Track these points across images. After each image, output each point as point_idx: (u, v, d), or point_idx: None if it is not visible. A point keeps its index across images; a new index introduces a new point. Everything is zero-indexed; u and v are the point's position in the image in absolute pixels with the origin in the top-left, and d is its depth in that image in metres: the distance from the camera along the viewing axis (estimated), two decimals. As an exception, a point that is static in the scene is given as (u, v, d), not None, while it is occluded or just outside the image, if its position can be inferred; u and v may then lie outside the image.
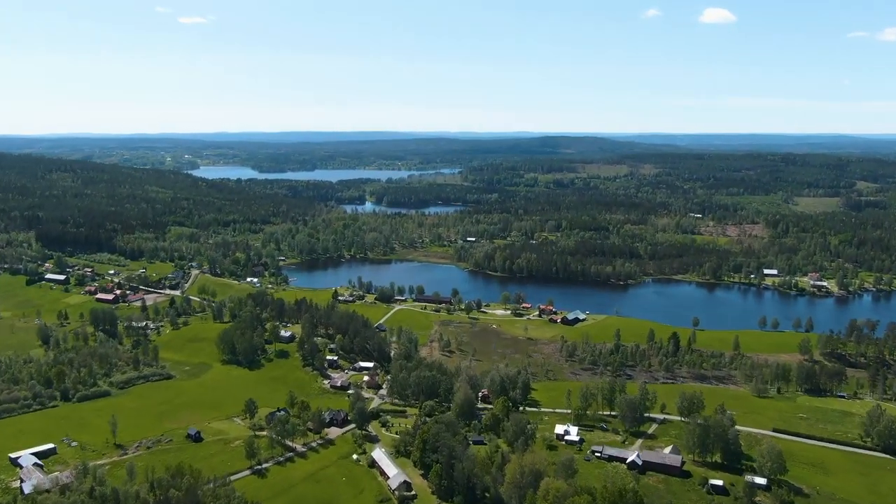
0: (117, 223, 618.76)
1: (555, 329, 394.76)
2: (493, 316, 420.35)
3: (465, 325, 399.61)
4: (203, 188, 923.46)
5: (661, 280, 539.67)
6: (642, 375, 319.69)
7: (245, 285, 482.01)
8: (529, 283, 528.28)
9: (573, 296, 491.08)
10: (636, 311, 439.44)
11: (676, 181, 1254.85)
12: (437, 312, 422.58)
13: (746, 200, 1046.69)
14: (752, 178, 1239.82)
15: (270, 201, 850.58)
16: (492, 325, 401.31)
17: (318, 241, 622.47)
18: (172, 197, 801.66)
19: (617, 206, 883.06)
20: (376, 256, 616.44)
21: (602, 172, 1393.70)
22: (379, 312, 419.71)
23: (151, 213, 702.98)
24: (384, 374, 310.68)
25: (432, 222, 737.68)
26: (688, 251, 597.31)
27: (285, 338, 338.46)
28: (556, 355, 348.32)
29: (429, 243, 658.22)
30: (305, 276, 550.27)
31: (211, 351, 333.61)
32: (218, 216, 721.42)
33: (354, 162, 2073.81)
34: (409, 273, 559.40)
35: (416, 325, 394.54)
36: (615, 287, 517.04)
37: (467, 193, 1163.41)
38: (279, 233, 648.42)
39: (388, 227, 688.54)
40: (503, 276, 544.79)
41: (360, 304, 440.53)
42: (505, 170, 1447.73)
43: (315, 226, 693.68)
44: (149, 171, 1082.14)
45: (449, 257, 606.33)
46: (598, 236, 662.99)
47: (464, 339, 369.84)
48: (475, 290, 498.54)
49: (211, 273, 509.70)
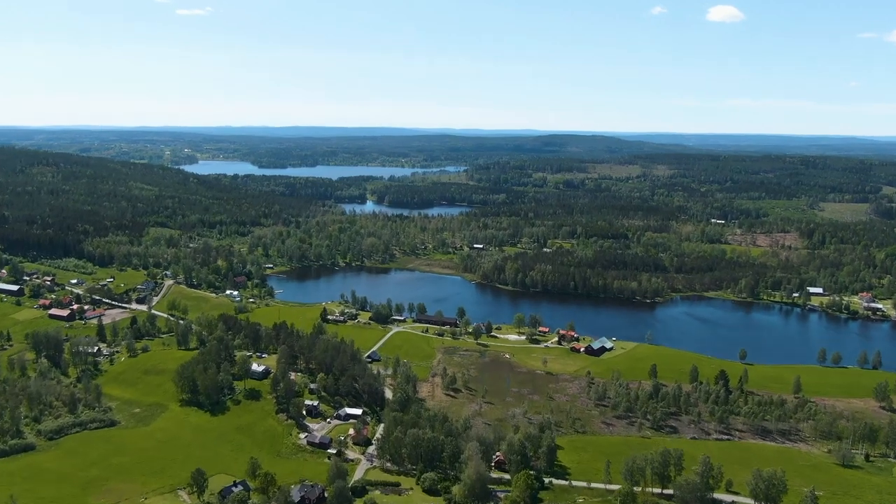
0: (90, 224, 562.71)
1: (578, 361, 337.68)
2: (506, 342, 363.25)
3: (473, 353, 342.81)
4: (192, 185, 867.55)
5: (691, 297, 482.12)
6: (690, 428, 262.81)
7: (223, 299, 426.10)
8: (544, 298, 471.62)
9: (594, 316, 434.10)
10: (669, 336, 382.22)
11: (692, 183, 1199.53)
12: (440, 336, 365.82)
13: (769, 205, 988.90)
14: (772, 182, 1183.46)
15: (263, 200, 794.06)
16: (504, 354, 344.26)
17: (311, 246, 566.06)
18: (157, 195, 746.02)
19: (633, 210, 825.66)
20: (374, 264, 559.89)
21: (613, 173, 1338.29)
22: (373, 336, 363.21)
23: (131, 213, 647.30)
24: (375, 423, 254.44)
25: (436, 226, 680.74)
26: (718, 264, 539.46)
27: (258, 373, 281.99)
28: (583, 397, 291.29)
29: (432, 250, 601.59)
30: (294, 286, 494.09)
31: (169, 388, 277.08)
32: (204, 216, 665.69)
33: (357, 158, 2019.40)
34: (410, 285, 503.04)
35: (415, 353, 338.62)
36: (641, 306, 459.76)
37: (473, 193, 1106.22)
38: (268, 237, 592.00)
39: (387, 232, 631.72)
40: (514, 290, 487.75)
41: (352, 324, 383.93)
42: (512, 169, 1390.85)
43: (308, 229, 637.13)
44: (136, 165, 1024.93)
45: (454, 267, 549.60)
46: (618, 245, 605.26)
47: (471, 372, 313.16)
48: (483, 307, 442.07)
49: (186, 284, 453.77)
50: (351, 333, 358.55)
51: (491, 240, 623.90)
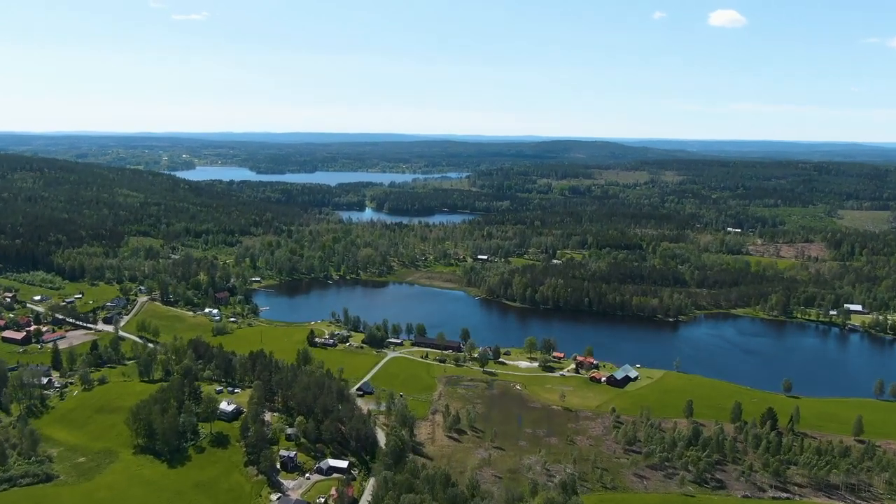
0: (63, 234, 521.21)
1: (599, 393, 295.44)
2: (516, 370, 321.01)
3: (480, 384, 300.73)
4: (182, 191, 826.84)
5: (717, 315, 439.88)
6: (740, 483, 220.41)
7: (201, 318, 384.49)
8: (555, 317, 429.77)
9: (611, 337, 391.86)
10: (699, 362, 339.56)
11: (702, 190, 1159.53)
12: (441, 363, 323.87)
13: (785, 213, 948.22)
14: (786, 188, 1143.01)
15: (254, 208, 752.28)
16: (514, 385, 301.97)
17: (303, 258, 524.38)
18: (143, 202, 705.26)
19: (645, 218, 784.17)
20: (370, 277, 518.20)
21: (620, 179, 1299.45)
22: (366, 363, 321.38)
23: (112, 221, 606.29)
24: (364, 476, 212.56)
25: (437, 235, 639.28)
26: (744, 278, 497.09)
27: (227, 414, 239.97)
28: (609, 440, 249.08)
29: (433, 262, 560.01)
30: (282, 303, 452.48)
31: (122, 431, 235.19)
32: (190, 225, 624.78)
33: (357, 164, 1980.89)
34: (409, 301, 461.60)
35: (413, 384, 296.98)
36: (662, 325, 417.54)
37: (476, 200, 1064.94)
38: (257, 247, 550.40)
39: (385, 242, 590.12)
40: (523, 307, 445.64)
41: (342, 349, 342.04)
42: (516, 175, 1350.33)
43: (300, 239, 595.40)
44: (125, 171, 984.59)
45: (457, 280, 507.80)
46: (634, 256, 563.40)
47: (478, 408, 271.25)
48: (489, 328, 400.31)
49: (162, 300, 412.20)
50: (341, 360, 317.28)
51: (496, 250, 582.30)
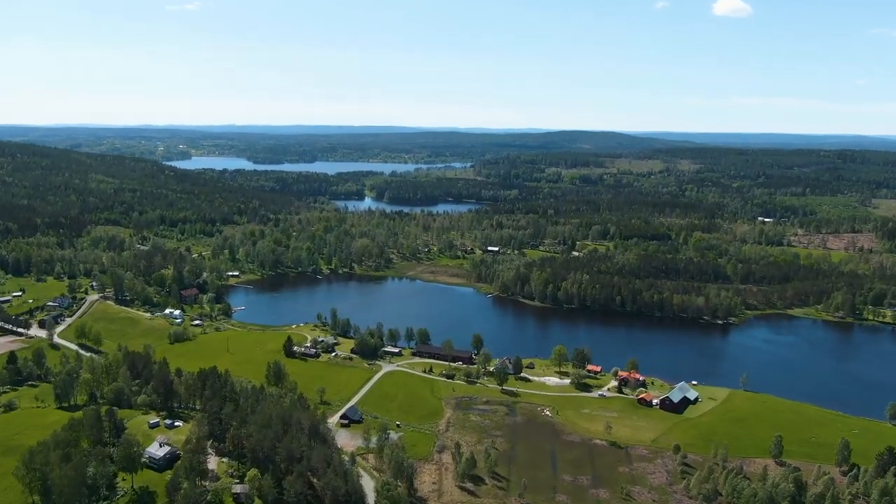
0: (15, 221, 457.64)
1: (653, 421, 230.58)
2: (543, 388, 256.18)
3: (498, 407, 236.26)
4: (164, 178, 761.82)
5: (770, 316, 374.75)
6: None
7: (159, 321, 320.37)
8: (581, 318, 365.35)
9: (651, 342, 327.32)
10: (765, 376, 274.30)
11: (721, 179, 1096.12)
12: (449, 379, 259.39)
13: (815, 202, 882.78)
14: (810, 177, 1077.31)
15: (241, 195, 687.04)
16: (543, 409, 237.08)
17: (288, 249, 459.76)
18: (117, 188, 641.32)
19: (668, 206, 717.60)
20: (366, 272, 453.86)
21: (633, 168, 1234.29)
22: (355, 378, 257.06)
23: (79, 209, 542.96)
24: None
25: (442, 225, 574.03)
26: (796, 272, 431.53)
27: (158, 460, 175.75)
28: (678, 495, 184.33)
29: (437, 254, 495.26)
30: (262, 302, 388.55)
31: (13, 484, 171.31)
32: (166, 213, 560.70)
33: (358, 154, 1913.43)
34: (410, 300, 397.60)
35: (414, 408, 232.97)
36: (709, 328, 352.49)
37: (482, 189, 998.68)
38: (237, 237, 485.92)
39: (383, 231, 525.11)
40: (543, 306, 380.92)
41: (326, 360, 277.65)
42: (523, 163, 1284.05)
43: (286, 228, 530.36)
44: (105, 157, 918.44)
45: (465, 275, 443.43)
46: (665, 248, 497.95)
47: (498, 443, 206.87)
48: (506, 333, 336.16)
49: (116, 299, 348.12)
50: (323, 376, 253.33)
51: (508, 241, 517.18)
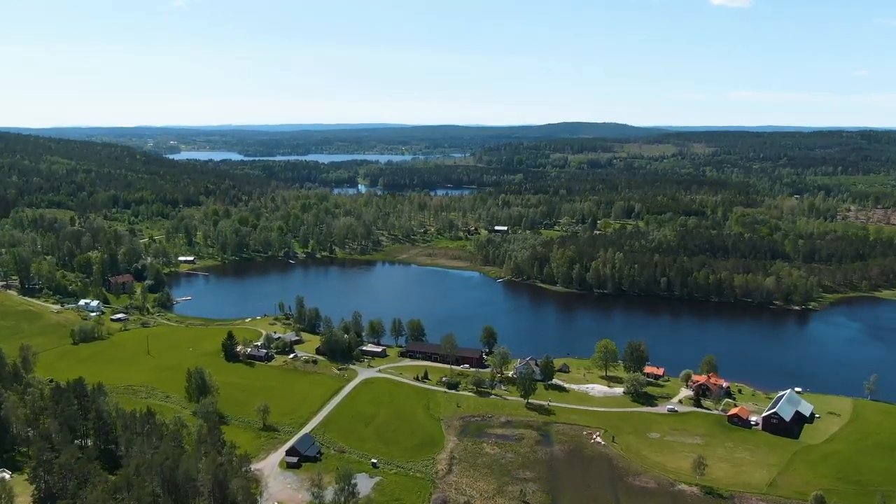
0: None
1: (759, 450, 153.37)
2: (584, 400, 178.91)
3: (524, 432, 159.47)
4: (129, 160, 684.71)
5: (853, 300, 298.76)
6: None
7: (69, 314, 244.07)
8: (616, 305, 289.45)
9: (713, 335, 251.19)
10: (892, 381, 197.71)
11: (740, 160, 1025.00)
12: (451, 390, 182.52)
13: (848, 181, 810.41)
14: (836, 157, 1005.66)
15: (212, 177, 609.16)
16: (591, 434, 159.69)
17: (257, 230, 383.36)
18: (71, 168, 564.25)
19: (694, 184, 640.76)
20: (349, 256, 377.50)
21: (644, 152, 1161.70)
22: (317, 390, 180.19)
23: (17, 190, 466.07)
24: None
25: (440, 204, 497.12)
26: (871, 250, 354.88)
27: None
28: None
29: (435, 235, 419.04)
30: (221, 290, 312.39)
31: None
32: (121, 194, 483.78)
33: (353, 147, 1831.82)
34: (401, 286, 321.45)
35: (401, 434, 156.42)
36: (782, 315, 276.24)
37: (484, 174, 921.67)
38: (198, 218, 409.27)
39: (371, 211, 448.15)
40: (567, 292, 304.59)
41: (282, 363, 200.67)
42: (526, 150, 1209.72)
43: (256, 208, 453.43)
44: (71, 142, 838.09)
45: (467, 258, 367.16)
46: (707, 223, 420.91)
47: (531, 494, 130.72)
48: (522, 324, 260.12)
49: (22, 287, 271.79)
50: (272, 387, 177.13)
51: (518, 220, 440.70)
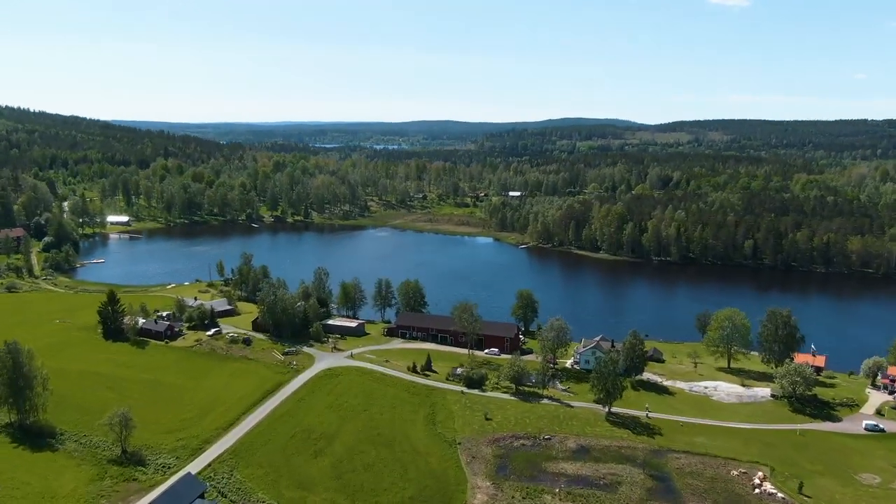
0: None
1: None
2: (706, 408, 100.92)
3: (616, 465, 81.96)
4: (87, 124, 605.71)
5: None
6: None
7: None
8: (682, 276, 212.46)
9: (835, 315, 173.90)
10: None
11: (763, 147, 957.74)
12: (471, 390, 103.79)
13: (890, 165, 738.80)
14: (867, 144, 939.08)
15: (175, 140, 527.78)
16: (744, 472, 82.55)
17: (213, 187, 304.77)
18: (10, 128, 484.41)
19: (731, 160, 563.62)
20: (328, 220, 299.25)
21: (657, 139, 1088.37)
22: (246, 383, 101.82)
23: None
24: None
25: (441, 168, 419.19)
26: None
27: None
28: None
29: (436, 201, 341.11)
30: (151, 253, 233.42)
31: None
32: (61, 154, 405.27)
33: (349, 137, 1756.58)
34: (393, 250, 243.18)
35: (383, 468, 76.68)
36: None
37: (487, 158, 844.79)
38: (142, 175, 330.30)
39: (358, 173, 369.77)
40: (615, 259, 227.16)
41: (194, 342, 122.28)
42: (531, 136, 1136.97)
43: (216, 166, 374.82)
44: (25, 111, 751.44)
45: (477, 224, 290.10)
46: (775, 184, 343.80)
47: None
48: (562, 298, 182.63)
49: None
50: (162, 380, 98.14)
51: (537, 187, 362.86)
